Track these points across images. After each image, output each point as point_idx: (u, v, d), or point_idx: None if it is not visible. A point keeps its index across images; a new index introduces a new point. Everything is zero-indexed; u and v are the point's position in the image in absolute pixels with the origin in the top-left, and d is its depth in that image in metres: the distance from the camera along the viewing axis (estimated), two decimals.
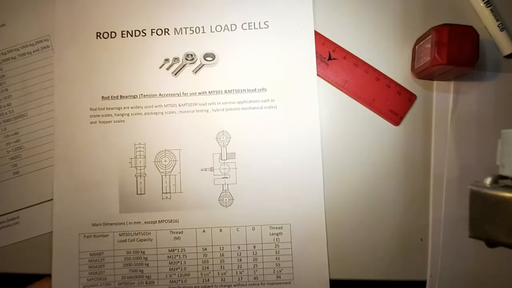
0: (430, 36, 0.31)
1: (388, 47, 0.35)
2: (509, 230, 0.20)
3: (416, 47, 0.34)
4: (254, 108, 0.35)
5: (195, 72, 0.35)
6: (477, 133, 0.34)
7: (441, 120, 0.34)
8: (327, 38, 0.34)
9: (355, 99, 0.34)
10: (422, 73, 0.33)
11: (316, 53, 0.34)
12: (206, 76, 0.35)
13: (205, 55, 0.35)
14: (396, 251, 0.34)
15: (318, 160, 0.34)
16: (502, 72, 0.35)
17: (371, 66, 0.34)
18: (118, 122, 0.35)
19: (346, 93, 0.35)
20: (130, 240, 0.34)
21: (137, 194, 0.34)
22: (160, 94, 0.35)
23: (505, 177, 0.22)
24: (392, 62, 0.35)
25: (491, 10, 0.34)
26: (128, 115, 0.35)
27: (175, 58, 0.35)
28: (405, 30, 0.35)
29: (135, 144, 0.35)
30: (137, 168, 0.35)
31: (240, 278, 0.34)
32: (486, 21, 0.35)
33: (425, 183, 0.34)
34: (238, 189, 0.34)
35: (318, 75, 0.34)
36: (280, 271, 0.34)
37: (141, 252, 0.34)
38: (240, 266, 0.34)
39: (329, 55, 0.34)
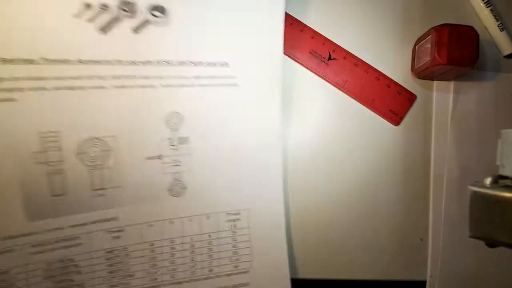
0: (430, 36, 0.31)
1: (388, 47, 0.35)
2: (509, 230, 0.20)
3: (416, 47, 0.34)
4: (213, 86, 0.29)
5: (136, 31, 0.27)
6: (477, 133, 0.34)
7: (441, 120, 0.34)
8: (327, 38, 0.34)
9: (355, 99, 0.34)
10: (422, 73, 0.33)
11: (316, 53, 0.34)
12: (152, 39, 0.27)
13: (151, 7, 0.26)
14: (396, 251, 0.34)
15: (277, 143, 0.31)
16: (502, 72, 0.35)
17: (371, 66, 0.34)
18: (4, 101, 0.25)
19: (346, 93, 0.35)
20: (49, 250, 0.28)
21: (53, 196, 0.27)
22: (80, 60, 0.26)
23: (505, 177, 0.22)
24: (392, 62, 0.35)
25: (491, 10, 0.34)
26: (21, 90, 0.25)
27: (103, 5, 0.25)
28: (405, 30, 0.35)
29: (40, 133, 0.26)
30: (49, 164, 0.27)
31: (193, 273, 0.31)
32: (486, 21, 0.35)
33: (425, 183, 0.34)
34: (191, 177, 0.30)
35: (318, 75, 0.34)
36: (237, 259, 0.31)
37: (68, 260, 0.28)
38: (193, 259, 0.31)
39: (329, 55, 0.34)
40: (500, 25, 0.34)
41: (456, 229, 0.33)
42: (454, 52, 0.30)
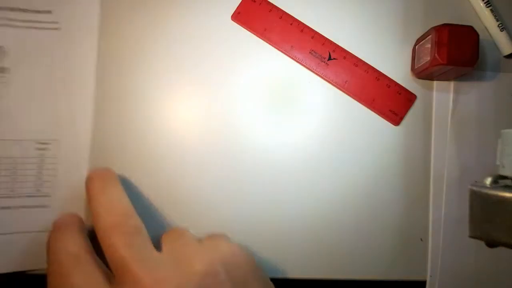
0: (430, 36, 0.31)
1: (388, 47, 0.35)
2: (509, 230, 0.20)
3: (416, 47, 0.34)
4: (38, 29, 0.33)
5: None
6: (477, 133, 0.34)
7: (441, 120, 0.34)
8: (327, 38, 0.35)
9: (355, 99, 0.35)
10: (422, 73, 0.33)
11: (316, 53, 0.34)
12: None
13: None
14: (396, 251, 0.34)
15: (89, 85, 0.33)
16: (502, 72, 0.35)
17: (371, 66, 0.34)
18: None
19: (346, 93, 0.35)
20: None
21: None
22: None
23: (505, 177, 0.22)
24: (392, 62, 0.35)
25: (491, 10, 0.34)
26: None
27: None
28: (405, 30, 0.35)
29: None
30: None
31: None
32: (486, 21, 0.35)
33: (425, 183, 0.34)
34: (5, 103, 0.32)
35: (318, 75, 0.34)
36: (41, 184, 0.33)
37: None
38: None
39: (329, 55, 0.34)
40: (500, 25, 0.34)
41: (456, 229, 0.33)
42: (454, 52, 0.30)
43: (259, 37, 0.35)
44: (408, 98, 0.34)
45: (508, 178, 0.22)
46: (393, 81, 0.35)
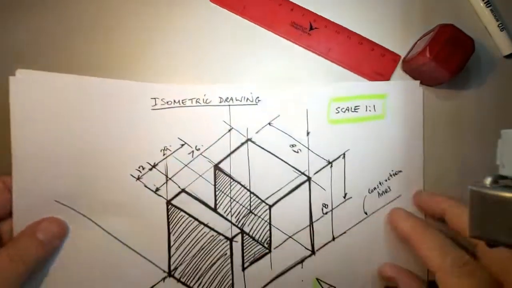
0: (432, 32, 0.31)
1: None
2: (509, 230, 0.20)
3: (418, 41, 0.34)
4: None
5: None
6: (477, 133, 0.34)
7: (439, 120, 0.34)
8: (306, 9, 0.35)
9: (340, 65, 0.35)
10: (408, 64, 0.33)
11: (297, 24, 0.34)
12: None
13: None
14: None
15: None
16: (502, 72, 0.35)
17: (353, 31, 0.35)
18: None
19: (331, 61, 0.35)
20: None
21: None
22: None
23: (505, 177, 0.22)
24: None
25: (491, 10, 0.34)
26: None
27: None
28: (404, 28, 0.35)
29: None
30: None
31: None
32: (486, 21, 0.35)
33: (425, 183, 0.34)
34: None
35: (302, 46, 0.34)
36: None
37: None
38: None
39: (310, 25, 0.34)
40: (500, 25, 0.34)
41: None
42: (444, 53, 0.30)
43: (240, 16, 0.34)
44: (392, 59, 0.34)
45: (508, 178, 0.22)
46: (377, 44, 0.35)
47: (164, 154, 0.32)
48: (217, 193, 0.33)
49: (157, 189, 0.32)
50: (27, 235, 0.29)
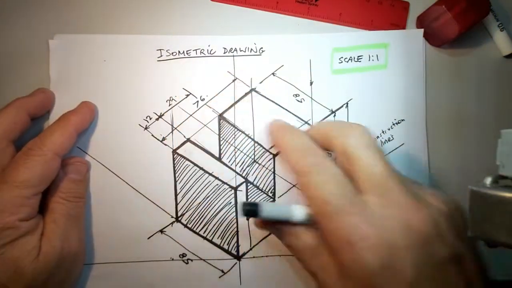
0: None
1: None
2: (509, 230, 0.20)
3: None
4: None
5: None
6: (477, 133, 0.34)
7: (439, 120, 0.34)
8: None
9: (354, 27, 0.35)
10: (421, 20, 0.33)
11: None
12: None
13: None
14: None
15: None
16: (502, 72, 0.35)
17: None
18: None
19: (345, 25, 0.35)
20: None
21: None
22: None
23: (505, 177, 0.22)
24: None
25: (491, 10, 0.34)
26: None
27: None
28: None
29: None
30: None
31: None
32: (486, 21, 0.35)
33: (424, 183, 0.34)
34: None
35: (312, 19, 0.34)
36: None
37: None
38: None
39: None
40: (500, 25, 0.34)
41: None
42: (461, 6, 0.31)
43: (243, 6, 0.34)
44: (402, 7, 0.35)
45: (508, 178, 0.22)
46: None
47: (169, 105, 0.33)
48: (221, 142, 0.33)
49: (164, 139, 0.33)
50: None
